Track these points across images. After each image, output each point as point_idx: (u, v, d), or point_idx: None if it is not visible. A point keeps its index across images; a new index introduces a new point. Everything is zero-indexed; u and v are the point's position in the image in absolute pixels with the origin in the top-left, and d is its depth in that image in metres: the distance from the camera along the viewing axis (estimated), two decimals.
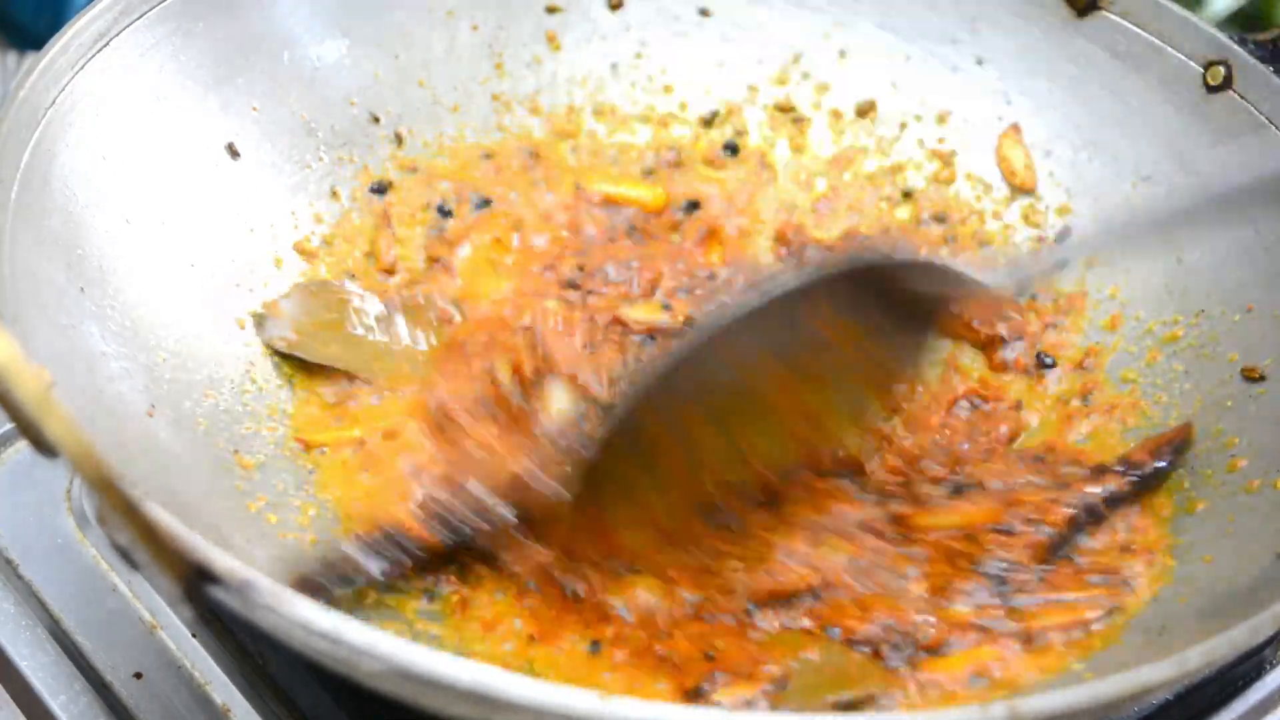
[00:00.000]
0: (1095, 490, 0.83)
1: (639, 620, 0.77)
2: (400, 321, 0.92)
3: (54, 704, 0.78)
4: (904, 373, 0.88)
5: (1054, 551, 0.81)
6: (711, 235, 1.00)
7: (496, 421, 0.85)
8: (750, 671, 0.74)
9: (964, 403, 0.92)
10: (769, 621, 0.77)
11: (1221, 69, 0.94)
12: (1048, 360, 0.94)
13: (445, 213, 0.99)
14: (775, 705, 0.72)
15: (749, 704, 0.72)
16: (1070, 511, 0.82)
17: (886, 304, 0.80)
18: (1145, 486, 0.84)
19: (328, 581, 0.75)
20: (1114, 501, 0.83)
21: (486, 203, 1.00)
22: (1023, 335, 0.95)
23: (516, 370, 0.87)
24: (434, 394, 0.87)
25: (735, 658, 0.75)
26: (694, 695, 0.73)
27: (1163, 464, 0.85)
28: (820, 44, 1.07)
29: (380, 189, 0.98)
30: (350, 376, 0.89)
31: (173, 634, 0.81)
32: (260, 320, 0.89)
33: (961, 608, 0.78)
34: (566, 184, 1.02)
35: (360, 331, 0.91)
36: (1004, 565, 0.80)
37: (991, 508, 0.82)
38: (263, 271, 0.92)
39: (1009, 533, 0.81)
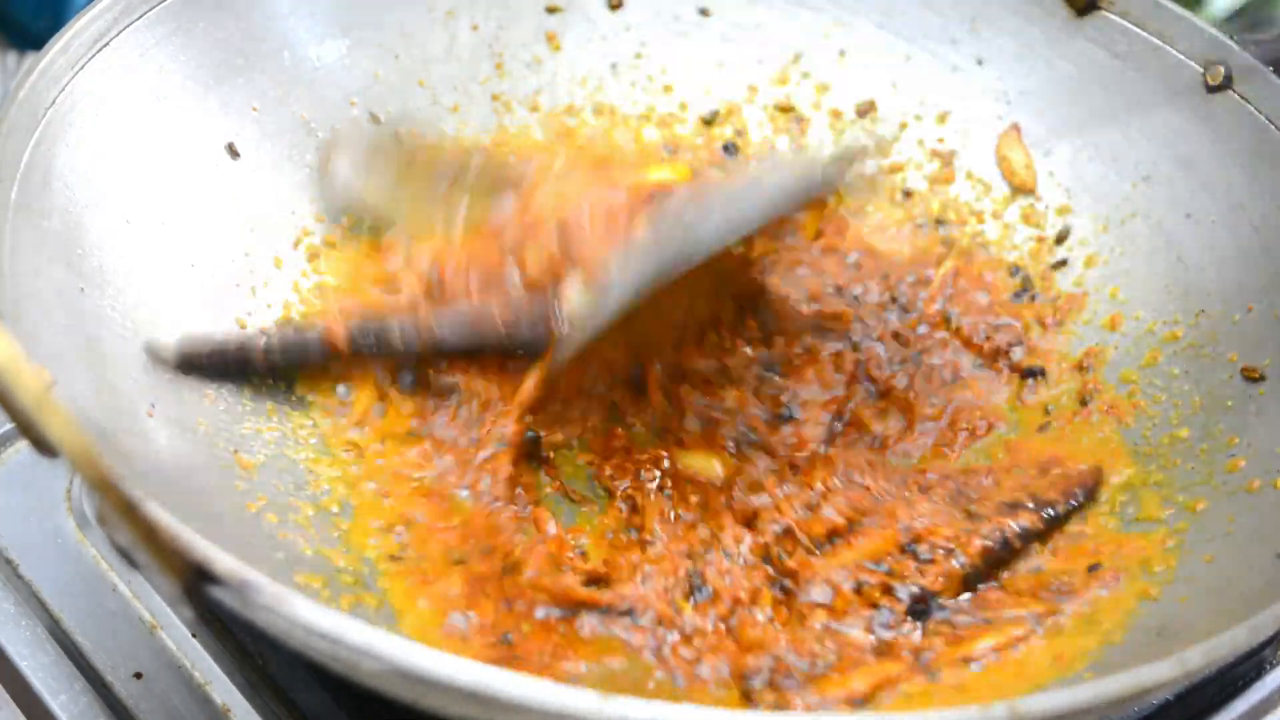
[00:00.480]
0: (1011, 525, 0.82)
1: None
2: (471, 169, 0.93)
3: (54, 704, 0.78)
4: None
5: (969, 583, 0.80)
6: None
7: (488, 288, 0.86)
8: (548, 665, 0.74)
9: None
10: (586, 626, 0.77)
11: (1221, 69, 0.94)
12: (1036, 369, 0.94)
13: None
14: None
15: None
16: (986, 544, 0.81)
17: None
18: (1057, 524, 0.83)
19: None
20: (1028, 537, 0.82)
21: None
22: (1023, 340, 0.95)
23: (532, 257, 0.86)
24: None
25: (538, 647, 0.75)
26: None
27: (1074, 504, 0.84)
28: (820, 44, 1.07)
29: None
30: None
31: (173, 634, 0.81)
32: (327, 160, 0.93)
33: (857, 633, 0.77)
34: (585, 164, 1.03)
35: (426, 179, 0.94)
36: (919, 590, 0.79)
37: (885, 541, 0.81)
38: (263, 271, 0.92)
39: (924, 560, 0.80)
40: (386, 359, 0.87)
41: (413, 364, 0.87)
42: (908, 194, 1.05)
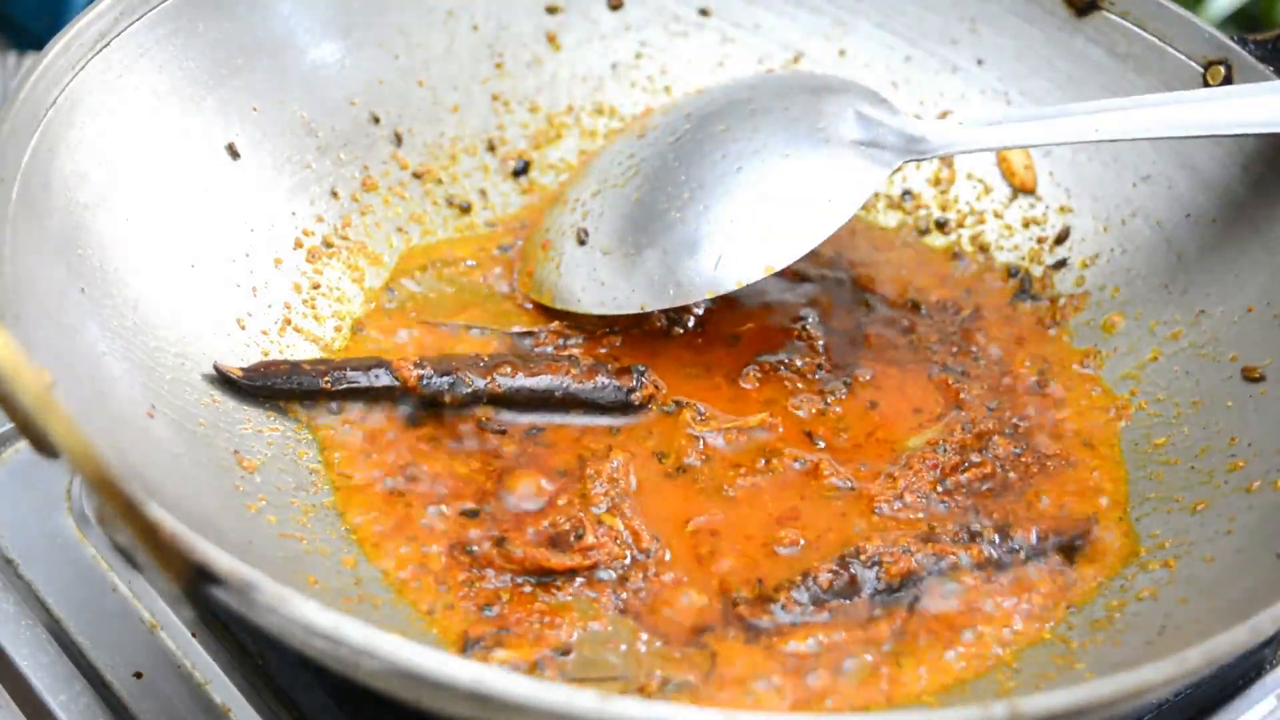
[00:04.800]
0: (953, 555, 0.81)
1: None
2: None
3: (54, 704, 0.78)
4: None
5: (872, 601, 0.80)
6: None
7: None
8: (540, 635, 0.76)
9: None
10: (564, 592, 0.79)
11: (1221, 69, 0.94)
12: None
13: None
14: (559, 672, 0.75)
15: (533, 666, 0.75)
16: (913, 568, 0.80)
17: None
18: (1006, 564, 0.82)
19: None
20: (961, 569, 0.81)
21: (525, 167, 1.04)
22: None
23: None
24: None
25: (525, 617, 0.77)
26: (471, 645, 0.76)
27: (1036, 550, 0.83)
28: (820, 44, 1.07)
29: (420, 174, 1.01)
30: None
31: (173, 634, 0.81)
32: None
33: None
34: None
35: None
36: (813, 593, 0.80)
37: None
38: (263, 271, 0.92)
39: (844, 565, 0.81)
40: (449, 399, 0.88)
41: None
42: (907, 194, 1.05)
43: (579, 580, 0.79)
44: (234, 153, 0.93)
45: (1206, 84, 0.95)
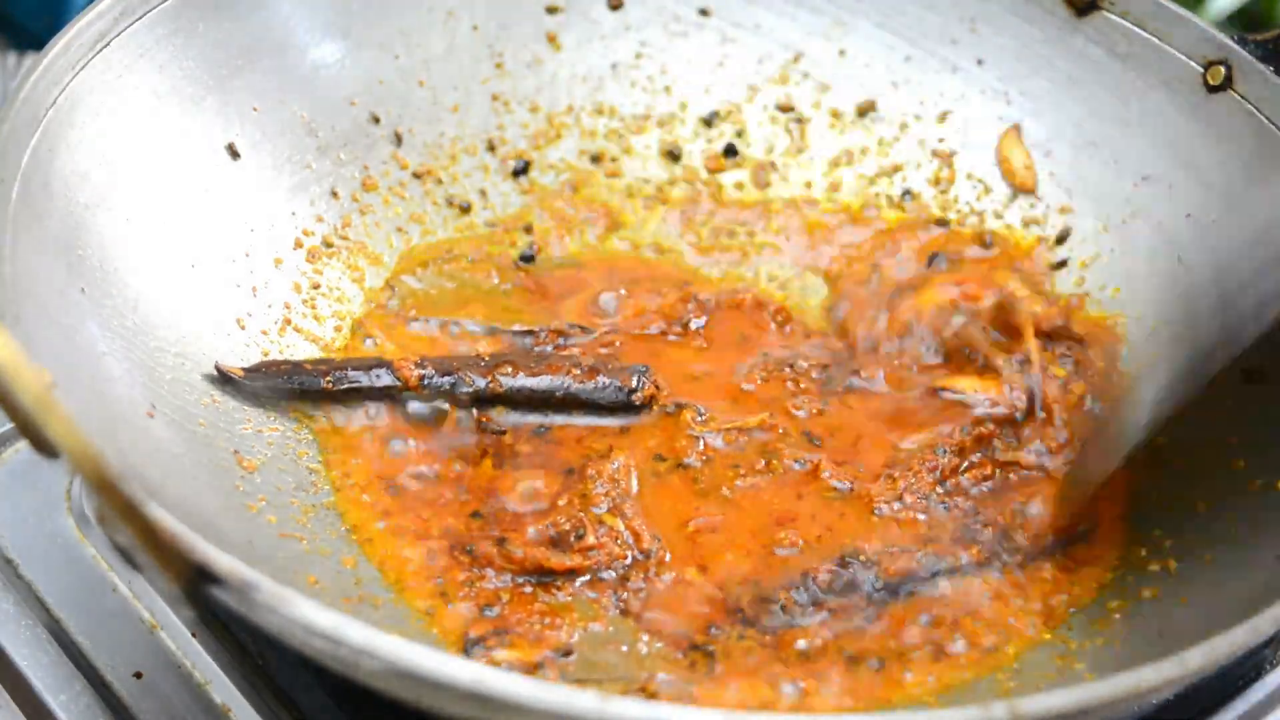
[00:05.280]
0: (952, 556, 0.81)
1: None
2: None
3: (54, 704, 0.78)
4: None
5: (871, 600, 0.80)
6: None
7: None
8: (541, 636, 0.76)
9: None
10: (564, 592, 0.80)
11: (1221, 69, 0.94)
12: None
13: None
14: (560, 673, 0.75)
15: (534, 667, 0.75)
16: (910, 568, 0.81)
17: None
18: (1006, 564, 0.82)
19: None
20: (961, 570, 0.82)
21: (525, 167, 1.04)
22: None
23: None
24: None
25: (525, 618, 0.78)
26: (471, 645, 0.76)
27: (1036, 551, 0.83)
28: (820, 44, 1.07)
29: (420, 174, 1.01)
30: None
31: (173, 634, 0.81)
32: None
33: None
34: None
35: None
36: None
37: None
38: (263, 271, 0.92)
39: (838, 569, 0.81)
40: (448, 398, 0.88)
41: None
42: (907, 194, 1.05)
43: (579, 581, 0.80)
44: (234, 153, 0.93)
45: (1206, 84, 0.95)
